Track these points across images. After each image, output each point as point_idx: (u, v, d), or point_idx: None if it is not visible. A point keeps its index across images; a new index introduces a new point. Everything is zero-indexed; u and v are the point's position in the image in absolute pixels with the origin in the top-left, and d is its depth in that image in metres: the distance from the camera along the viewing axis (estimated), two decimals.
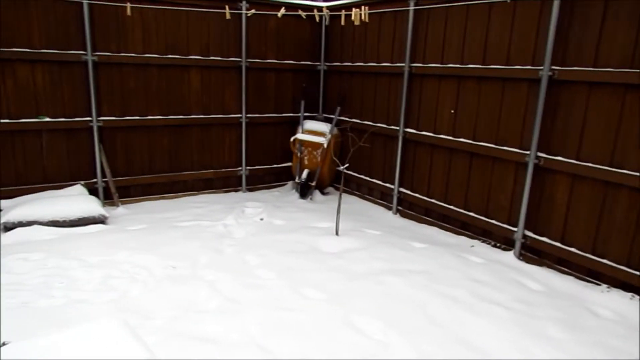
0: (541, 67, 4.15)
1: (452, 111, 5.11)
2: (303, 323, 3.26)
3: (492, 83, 4.69)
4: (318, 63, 7.01)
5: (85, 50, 5.37)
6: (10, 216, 4.69)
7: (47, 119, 5.35)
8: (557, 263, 4.29)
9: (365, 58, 6.25)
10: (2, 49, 4.97)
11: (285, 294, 3.67)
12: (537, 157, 4.28)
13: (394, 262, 4.27)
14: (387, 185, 6.09)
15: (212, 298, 3.58)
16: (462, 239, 5.03)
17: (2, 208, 5.03)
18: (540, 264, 4.35)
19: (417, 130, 5.54)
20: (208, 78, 6.26)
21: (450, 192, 5.26)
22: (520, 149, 4.46)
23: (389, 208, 6.07)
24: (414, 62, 5.47)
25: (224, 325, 3.20)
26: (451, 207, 5.23)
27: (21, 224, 4.69)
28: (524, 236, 4.47)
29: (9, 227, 4.67)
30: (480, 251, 4.69)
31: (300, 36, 6.79)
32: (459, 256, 4.48)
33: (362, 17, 3.75)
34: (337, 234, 4.89)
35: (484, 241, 4.92)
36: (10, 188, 5.26)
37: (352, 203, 6.39)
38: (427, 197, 5.54)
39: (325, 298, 3.61)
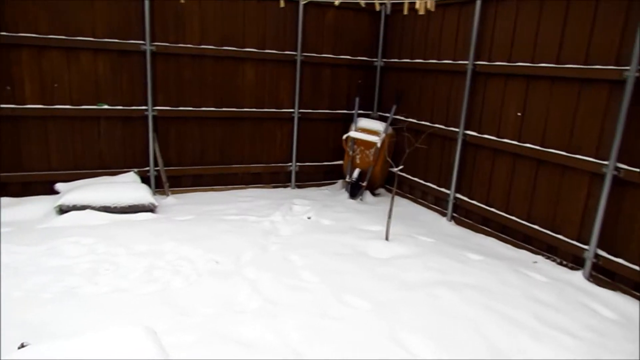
0: (627, 67, 3.70)
1: (519, 114, 4.71)
2: (345, 334, 3.06)
3: (566, 84, 4.26)
4: (375, 59, 6.76)
5: (144, 40, 5.43)
6: (66, 199, 4.81)
7: (106, 106, 5.47)
8: (634, 289, 3.82)
9: (425, 55, 5.93)
10: (70, 37, 5.12)
11: (328, 300, 3.48)
12: (617, 168, 3.83)
13: (448, 274, 3.97)
14: (443, 190, 5.75)
15: (252, 298, 3.45)
16: (524, 253, 4.63)
17: (59, 191, 5.19)
18: (613, 288, 3.90)
19: (479, 133, 5.17)
20: (263, 71, 6.17)
21: (512, 201, 4.86)
22: (597, 159, 4.01)
23: (443, 214, 5.73)
24: (478, 60, 5.10)
25: (262, 328, 3.06)
26: (512, 217, 4.83)
27: (75, 208, 4.80)
28: (596, 255, 4.02)
29: (64, 210, 4.79)
30: (544, 268, 4.28)
31: (358, 30, 6.56)
32: (519, 272, 4.10)
33: (428, 6, 3.47)
34: (387, 238, 4.64)
35: (548, 257, 4.50)
36: (69, 172, 5.42)
37: (404, 206, 6.10)
38: (486, 205, 5.16)
39: (371, 308, 3.39)
